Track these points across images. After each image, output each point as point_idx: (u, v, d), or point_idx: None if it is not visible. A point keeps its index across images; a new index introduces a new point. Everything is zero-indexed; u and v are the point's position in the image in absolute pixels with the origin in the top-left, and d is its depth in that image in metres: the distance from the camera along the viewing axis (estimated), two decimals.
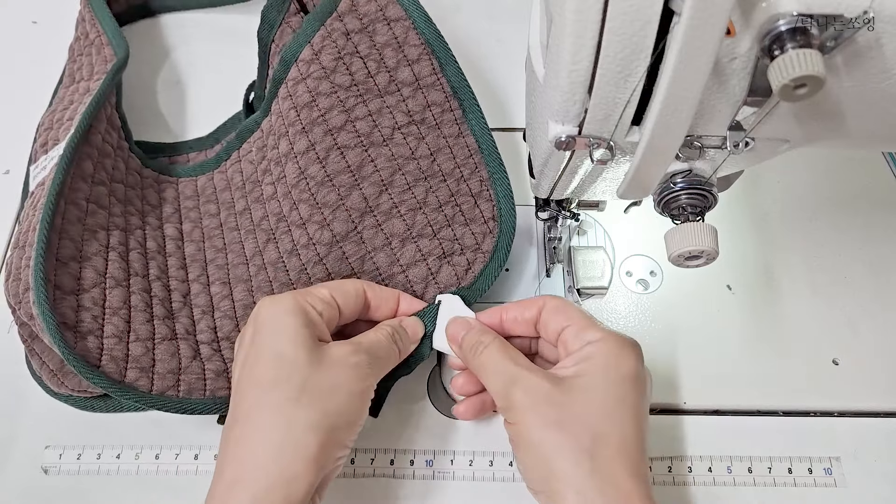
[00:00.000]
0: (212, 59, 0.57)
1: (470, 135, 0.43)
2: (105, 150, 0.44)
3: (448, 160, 0.42)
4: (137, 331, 0.37)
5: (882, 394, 0.40)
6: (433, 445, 0.39)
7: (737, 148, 0.27)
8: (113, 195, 0.43)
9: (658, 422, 0.40)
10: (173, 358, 0.37)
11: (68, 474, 0.39)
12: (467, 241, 0.41)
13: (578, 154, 0.28)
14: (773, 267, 0.45)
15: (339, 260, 0.40)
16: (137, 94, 0.55)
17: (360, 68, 0.42)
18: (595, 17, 0.22)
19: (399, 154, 0.41)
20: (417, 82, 0.43)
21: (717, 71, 0.24)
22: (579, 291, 0.43)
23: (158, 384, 0.36)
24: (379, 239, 0.40)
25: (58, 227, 0.38)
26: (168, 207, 0.46)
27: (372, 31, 0.43)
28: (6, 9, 0.58)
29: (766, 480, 0.38)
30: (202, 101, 0.55)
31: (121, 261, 0.40)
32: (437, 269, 0.40)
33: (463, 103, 0.43)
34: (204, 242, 0.45)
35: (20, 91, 0.52)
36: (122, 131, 0.48)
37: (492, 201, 0.42)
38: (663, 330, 0.43)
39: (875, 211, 0.47)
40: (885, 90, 0.25)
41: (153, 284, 0.40)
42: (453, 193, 0.42)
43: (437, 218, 0.41)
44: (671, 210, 0.31)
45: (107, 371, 0.35)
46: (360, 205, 0.40)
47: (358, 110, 0.42)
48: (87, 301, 0.37)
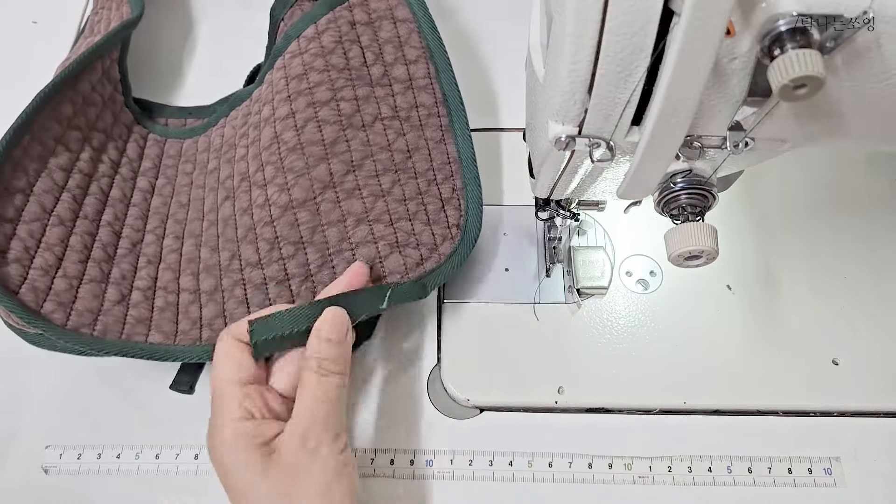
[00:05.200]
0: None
1: (452, 143, 0.44)
2: (91, 99, 0.46)
3: (424, 161, 0.43)
4: (67, 268, 0.39)
5: (882, 394, 0.40)
6: (433, 445, 0.39)
7: (737, 148, 0.27)
8: (88, 142, 0.44)
9: (658, 422, 0.40)
10: (96, 299, 0.39)
11: (68, 474, 0.39)
12: (425, 239, 0.41)
13: (578, 154, 0.28)
14: (773, 267, 0.45)
15: (290, 225, 0.40)
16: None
17: (357, 55, 0.43)
18: (595, 17, 0.22)
19: (375, 142, 0.42)
20: (410, 82, 0.44)
21: (717, 71, 0.24)
22: (579, 291, 0.43)
23: (74, 320, 0.37)
24: (335, 214, 0.40)
25: (14, 158, 0.39)
26: (147, 162, 0.48)
27: (377, 26, 0.44)
28: (6, 9, 0.58)
29: (766, 480, 0.38)
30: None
31: (73, 202, 0.41)
32: (386, 255, 0.40)
33: (451, 112, 0.44)
34: (172, 198, 0.46)
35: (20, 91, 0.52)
36: (121, 85, 0.50)
37: (460, 210, 0.42)
38: (663, 330, 0.43)
39: (875, 211, 0.47)
40: (885, 90, 0.25)
41: (102, 229, 0.42)
42: (421, 192, 0.42)
43: (398, 209, 0.41)
44: (671, 210, 0.31)
45: (24, 299, 0.36)
46: (325, 178, 0.40)
47: (345, 92, 0.42)
48: (23, 232, 0.38)
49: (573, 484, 0.38)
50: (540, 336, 0.42)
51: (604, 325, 0.43)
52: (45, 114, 0.42)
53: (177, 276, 0.41)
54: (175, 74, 0.55)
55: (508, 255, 0.45)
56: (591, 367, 0.41)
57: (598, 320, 0.43)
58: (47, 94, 0.42)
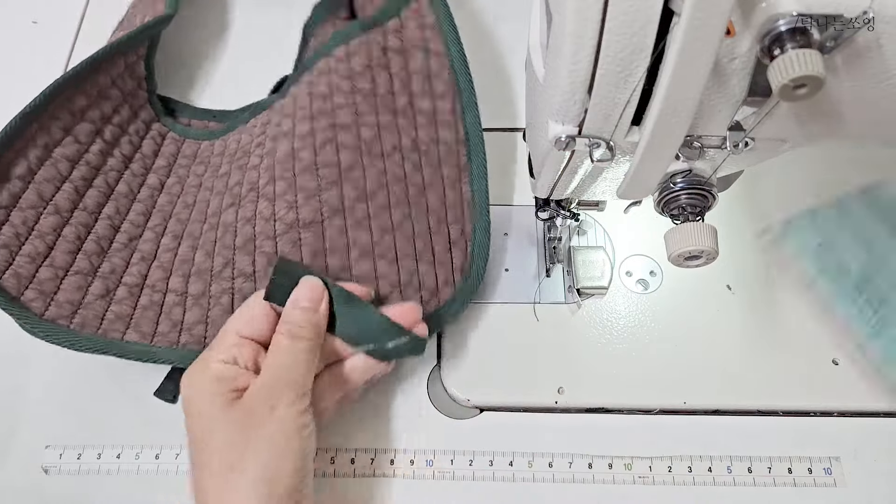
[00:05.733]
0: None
1: (467, 184, 0.43)
2: (109, 93, 0.46)
3: (437, 198, 0.42)
4: (55, 258, 0.39)
5: (882, 394, 0.40)
6: (433, 445, 0.39)
7: (737, 148, 0.27)
8: (100, 134, 0.44)
9: (658, 422, 0.40)
10: (79, 291, 0.38)
11: (68, 474, 0.39)
12: (427, 282, 0.40)
13: (578, 154, 0.28)
14: (773, 267, 0.45)
15: (292, 243, 0.39)
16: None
17: (384, 82, 0.43)
18: (595, 17, 0.22)
19: (391, 172, 0.41)
20: (435, 116, 0.43)
21: (717, 71, 0.24)
22: (579, 291, 0.43)
23: (53, 311, 0.37)
24: (340, 241, 0.39)
25: (17, 147, 0.39)
26: (161, 160, 0.47)
27: (409, 55, 0.44)
28: (6, 9, 0.58)
29: (766, 480, 0.38)
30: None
31: (74, 193, 0.41)
32: (386, 294, 0.39)
33: (471, 152, 0.43)
34: (178, 197, 0.46)
35: (20, 91, 0.52)
36: (145, 82, 0.49)
37: (465, 254, 0.41)
38: (663, 330, 0.43)
39: (875, 211, 0.47)
40: (885, 90, 0.25)
41: (100, 222, 0.41)
42: (431, 230, 0.41)
43: (405, 247, 0.40)
44: (671, 210, 0.31)
45: (5, 285, 0.36)
46: (335, 203, 0.40)
47: (368, 118, 0.42)
48: (16, 218, 0.38)
49: (573, 484, 0.38)
50: (540, 336, 0.42)
51: (604, 325, 0.43)
52: (57, 104, 0.42)
53: (167, 276, 0.41)
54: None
55: (508, 255, 0.45)
56: (591, 367, 0.41)
57: (598, 320, 0.43)
58: (60, 84, 0.41)
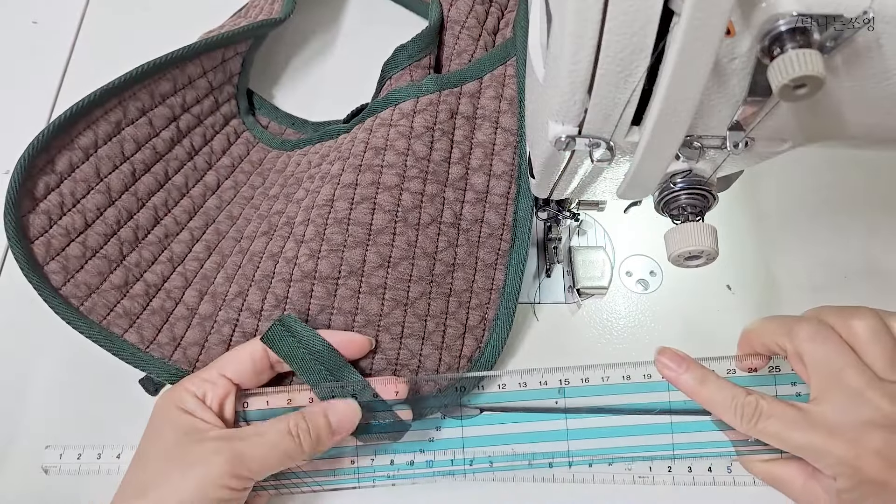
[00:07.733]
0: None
1: (503, 271, 0.41)
2: (196, 84, 0.45)
3: (465, 281, 0.40)
4: (88, 237, 0.38)
5: None
6: (433, 445, 0.39)
7: (737, 148, 0.27)
8: (176, 123, 0.44)
9: (658, 422, 0.40)
10: (99, 276, 0.38)
11: (68, 474, 0.39)
12: (428, 365, 0.38)
13: (578, 154, 0.28)
14: (773, 267, 0.45)
15: (303, 294, 0.38)
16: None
17: (443, 149, 0.41)
18: (595, 17, 0.23)
19: (422, 246, 0.39)
20: (487, 195, 0.41)
21: (717, 71, 0.24)
22: (579, 291, 0.43)
23: (69, 289, 0.36)
24: (348, 304, 0.38)
25: (92, 117, 0.39)
26: (226, 160, 0.46)
27: (477, 125, 0.42)
28: (6, 9, 0.58)
29: None
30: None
31: (130, 176, 0.40)
32: (380, 370, 0.38)
33: (516, 238, 0.41)
34: (228, 204, 0.45)
35: (20, 91, 0.52)
36: (237, 77, 0.49)
37: (479, 342, 0.40)
38: (663, 330, 0.43)
39: (875, 211, 0.47)
40: (885, 90, 0.25)
41: (145, 211, 0.41)
42: (447, 312, 0.39)
43: (414, 325, 0.38)
44: (671, 210, 0.31)
45: (35, 252, 0.36)
46: (355, 264, 0.38)
47: (413, 183, 0.40)
48: (66, 188, 0.37)
49: (573, 484, 0.38)
50: (540, 336, 0.42)
51: (604, 325, 0.43)
52: (142, 85, 0.41)
53: (185, 286, 0.40)
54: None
55: None
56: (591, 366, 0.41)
57: (598, 320, 0.43)
58: (151, 67, 0.41)
